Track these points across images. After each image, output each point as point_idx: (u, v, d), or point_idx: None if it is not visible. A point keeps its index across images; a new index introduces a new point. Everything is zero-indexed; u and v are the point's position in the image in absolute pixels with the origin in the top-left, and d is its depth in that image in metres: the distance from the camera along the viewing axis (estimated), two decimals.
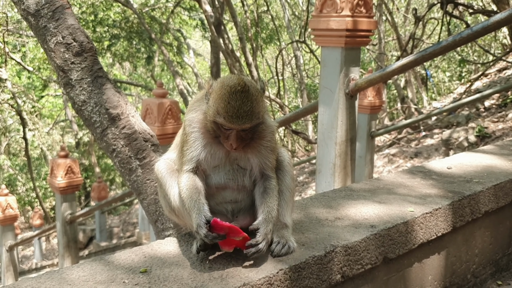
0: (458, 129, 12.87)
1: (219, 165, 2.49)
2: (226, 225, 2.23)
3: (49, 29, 3.51)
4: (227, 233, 2.23)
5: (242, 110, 2.28)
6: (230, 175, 2.49)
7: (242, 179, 2.50)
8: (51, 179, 10.62)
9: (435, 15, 19.72)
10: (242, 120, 2.28)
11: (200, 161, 2.47)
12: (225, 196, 2.52)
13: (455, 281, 3.34)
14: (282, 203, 2.55)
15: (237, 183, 2.50)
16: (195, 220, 2.29)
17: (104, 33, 23.35)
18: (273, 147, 2.51)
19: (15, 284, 2.11)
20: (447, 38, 5.41)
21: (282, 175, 2.59)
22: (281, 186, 2.57)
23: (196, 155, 2.47)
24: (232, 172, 2.49)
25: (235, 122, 2.28)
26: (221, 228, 2.22)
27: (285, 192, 2.57)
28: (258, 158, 2.48)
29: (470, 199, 3.29)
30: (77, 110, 3.61)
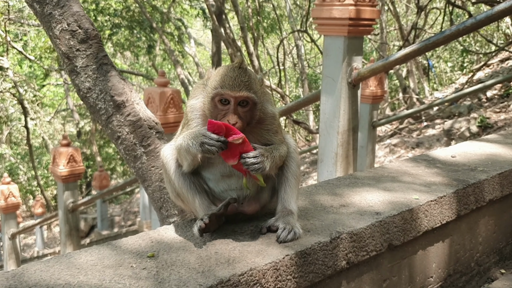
0: (460, 120, 12.88)
1: None
2: (222, 123, 2.24)
3: (54, 16, 3.50)
4: (225, 134, 2.23)
5: (239, 80, 2.35)
6: None
7: None
8: (53, 167, 10.64)
9: (438, 5, 19.63)
10: (238, 87, 2.33)
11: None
12: (230, 184, 2.54)
13: (459, 269, 3.36)
14: (288, 189, 2.55)
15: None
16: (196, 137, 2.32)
17: (105, 22, 23.26)
18: (275, 130, 2.54)
19: (24, 267, 2.13)
20: (450, 27, 5.39)
21: (288, 161, 2.59)
22: (287, 173, 2.57)
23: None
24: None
25: (231, 89, 2.33)
26: (218, 127, 2.23)
27: (291, 178, 2.57)
28: (263, 141, 2.51)
29: (475, 188, 3.31)
30: (82, 97, 3.61)
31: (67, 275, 2.05)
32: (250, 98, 2.36)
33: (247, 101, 2.37)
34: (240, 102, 2.36)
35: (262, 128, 2.52)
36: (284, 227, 2.42)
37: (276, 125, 2.56)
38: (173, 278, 2.01)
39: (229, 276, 2.04)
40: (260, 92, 2.45)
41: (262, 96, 2.47)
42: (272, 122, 2.54)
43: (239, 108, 2.36)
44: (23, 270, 2.10)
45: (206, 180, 2.58)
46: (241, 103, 2.36)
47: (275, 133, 2.55)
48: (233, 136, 2.23)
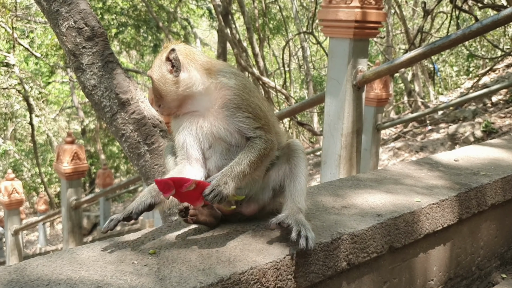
0: (464, 124, 12.85)
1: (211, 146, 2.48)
2: (167, 179, 2.19)
3: (61, 13, 3.53)
4: (176, 187, 2.19)
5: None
6: (224, 155, 2.47)
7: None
8: (57, 164, 10.67)
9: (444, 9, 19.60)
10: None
11: (185, 145, 2.50)
12: None
13: (460, 273, 3.36)
14: (298, 186, 2.50)
15: None
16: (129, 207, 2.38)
17: (112, 20, 23.35)
18: (236, 104, 2.40)
19: (26, 262, 2.15)
20: (456, 32, 5.39)
21: (297, 161, 2.55)
22: (297, 172, 2.53)
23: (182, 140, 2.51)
24: (226, 152, 2.46)
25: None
26: (165, 184, 2.18)
27: (301, 177, 2.52)
28: (230, 124, 2.41)
29: (477, 191, 3.31)
30: (87, 95, 3.63)
31: (69, 270, 2.06)
32: (148, 75, 2.50)
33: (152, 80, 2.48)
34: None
35: (221, 106, 2.41)
36: (298, 230, 2.28)
37: (235, 98, 2.41)
38: (174, 275, 2.03)
39: (230, 275, 2.05)
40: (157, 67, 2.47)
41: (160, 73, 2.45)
42: (227, 94, 2.41)
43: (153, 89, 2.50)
44: (25, 265, 2.12)
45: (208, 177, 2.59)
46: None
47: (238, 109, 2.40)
48: (185, 185, 2.18)
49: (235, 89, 2.41)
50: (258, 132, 2.40)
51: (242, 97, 2.41)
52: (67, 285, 1.93)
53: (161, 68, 2.44)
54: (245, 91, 2.43)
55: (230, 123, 2.40)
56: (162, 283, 1.96)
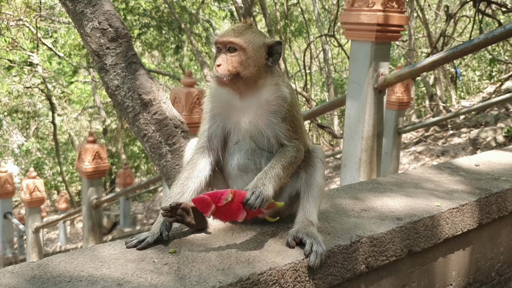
0: (486, 129, 12.71)
1: (238, 142, 2.53)
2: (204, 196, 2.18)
3: (86, 14, 3.59)
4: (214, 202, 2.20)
5: (231, 29, 2.46)
6: (249, 155, 2.52)
7: (260, 161, 2.52)
8: (79, 163, 10.79)
9: (467, 13, 19.42)
10: (227, 34, 2.43)
11: (212, 135, 2.56)
12: (247, 181, 2.51)
13: (479, 278, 3.33)
14: (311, 199, 2.53)
15: (256, 165, 2.52)
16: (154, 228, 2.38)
17: (135, 21, 23.53)
18: (283, 116, 2.49)
19: (48, 258, 2.19)
20: (478, 36, 5.35)
21: (312, 170, 2.59)
22: (311, 182, 2.56)
23: (207, 128, 2.57)
24: (251, 152, 2.52)
25: (222, 35, 2.44)
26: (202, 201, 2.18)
27: (314, 188, 2.55)
28: (270, 129, 2.49)
29: (497, 197, 3.28)
30: (111, 95, 3.69)
31: (90, 267, 2.10)
32: (234, 43, 2.40)
33: (234, 47, 2.41)
34: (229, 48, 2.42)
35: (270, 110, 2.48)
36: (311, 243, 2.31)
37: (285, 110, 2.50)
38: (193, 274, 2.05)
39: (249, 275, 2.07)
40: (256, 45, 2.44)
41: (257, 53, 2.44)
42: (281, 104, 2.49)
43: (228, 53, 2.42)
44: (48, 261, 2.16)
45: (227, 178, 2.62)
46: (229, 49, 2.42)
47: (284, 120, 2.49)
48: (222, 198, 2.20)
49: (288, 103, 2.50)
50: (293, 142, 2.51)
51: (291, 111, 2.51)
52: (89, 282, 1.97)
53: (260, 49, 2.46)
54: (294, 106, 2.54)
55: (271, 128, 2.48)
56: (182, 282, 1.98)
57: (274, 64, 2.49)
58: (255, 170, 2.51)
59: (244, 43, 2.41)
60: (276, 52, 2.48)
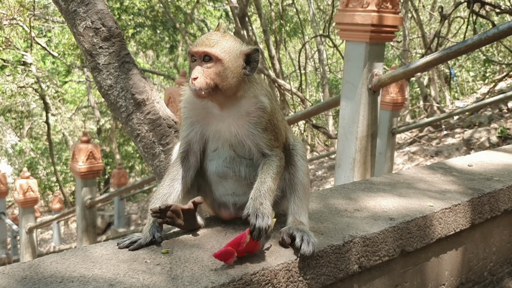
0: (480, 129, 12.76)
1: (217, 149, 2.50)
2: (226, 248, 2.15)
3: (78, 13, 3.57)
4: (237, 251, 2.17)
5: (205, 38, 2.37)
6: (227, 163, 2.50)
7: (239, 168, 2.50)
8: (73, 163, 10.76)
9: (461, 14, 19.48)
10: (201, 43, 2.34)
11: (190, 141, 2.52)
12: (227, 187, 2.55)
13: (472, 278, 3.34)
14: (297, 200, 2.53)
15: (235, 173, 2.50)
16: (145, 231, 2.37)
17: (129, 21, 23.49)
18: (264, 127, 2.44)
19: (40, 259, 2.18)
20: (472, 37, 5.37)
21: (295, 170, 2.57)
22: (294, 183, 2.55)
23: (186, 134, 2.53)
24: (230, 160, 2.49)
25: (196, 44, 2.35)
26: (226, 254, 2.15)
27: (299, 188, 2.55)
28: (251, 139, 2.45)
29: (490, 197, 3.29)
30: (104, 94, 3.67)
31: (82, 268, 2.09)
32: (210, 53, 2.30)
33: (211, 57, 2.31)
34: (205, 59, 2.32)
35: (250, 121, 2.43)
36: (301, 235, 2.33)
37: (266, 120, 2.45)
38: (186, 274, 2.05)
39: (241, 275, 2.07)
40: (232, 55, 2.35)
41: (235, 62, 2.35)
42: (261, 115, 2.43)
43: (203, 64, 2.32)
44: (39, 262, 2.15)
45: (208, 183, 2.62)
46: (205, 59, 2.32)
47: (265, 130, 2.45)
48: (241, 243, 2.17)
49: (269, 113, 2.46)
50: (275, 150, 2.48)
51: (271, 120, 2.47)
52: (80, 282, 1.96)
53: (237, 58, 2.37)
54: (274, 114, 2.50)
55: (252, 139, 2.45)
56: (174, 282, 1.98)
57: (252, 73, 2.41)
58: (234, 177, 2.51)
59: (221, 53, 2.32)
60: (254, 60, 2.40)
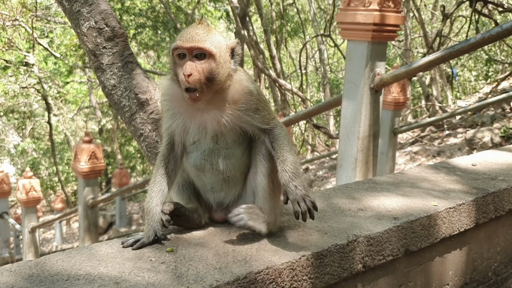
0: (482, 129, 12.74)
1: (197, 142, 2.45)
2: None
3: (82, 13, 3.58)
4: None
5: (194, 32, 2.28)
6: (205, 155, 2.45)
7: (216, 161, 2.45)
8: (75, 163, 10.77)
9: (464, 12, 19.46)
10: (191, 38, 2.25)
11: (172, 133, 2.47)
12: (205, 181, 2.53)
13: (476, 278, 3.34)
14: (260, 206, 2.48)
15: (212, 166, 2.46)
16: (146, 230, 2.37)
17: (130, 21, 23.51)
18: (254, 108, 2.41)
19: (46, 257, 2.19)
20: (475, 36, 5.36)
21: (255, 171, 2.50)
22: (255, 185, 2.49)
23: (168, 126, 2.47)
24: (208, 152, 2.44)
25: (185, 40, 2.26)
26: None
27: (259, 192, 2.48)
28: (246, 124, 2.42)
29: (494, 196, 3.29)
30: (107, 94, 3.68)
31: (87, 266, 2.10)
32: (203, 48, 2.23)
33: (203, 53, 2.25)
34: (197, 55, 2.26)
35: (239, 109, 2.38)
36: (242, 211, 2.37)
37: (254, 103, 2.41)
38: (190, 273, 2.05)
39: (246, 274, 2.07)
40: (221, 49, 2.31)
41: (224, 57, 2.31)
42: (249, 99, 2.39)
43: (195, 60, 2.25)
44: (45, 260, 2.16)
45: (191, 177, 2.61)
46: (197, 55, 2.26)
47: (256, 111, 2.41)
48: None
49: (256, 96, 2.43)
50: (273, 122, 2.45)
51: (260, 100, 2.44)
52: (86, 280, 1.97)
53: (226, 53, 2.33)
54: (260, 95, 2.47)
55: (247, 123, 2.41)
56: (179, 281, 1.98)
57: (236, 66, 2.39)
58: (211, 170, 2.47)
59: (214, 49, 2.26)
60: (237, 54, 2.39)
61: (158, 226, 2.35)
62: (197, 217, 2.50)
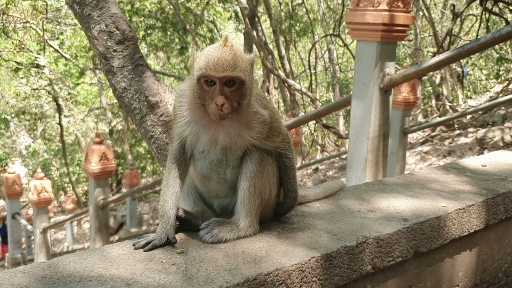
0: (493, 129, 12.67)
1: (206, 151, 2.46)
2: None
3: (93, 17, 3.62)
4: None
5: (223, 59, 2.23)
6: (213, 165, 2.48)
7: (224, 171, 2.48)
8: (86, 164, 10.84)
9: (474, 11, 19.36)
10: (222, 67, 2.21)
11: (185, 138, 2.46)
12: (210, 188, 2.55)
13: (486, 279, 3.33)
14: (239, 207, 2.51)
15: (219, 175, 2.49)
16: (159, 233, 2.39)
17: (140, 23, 23.64)
18: (266, 135, 2.45)
19: (58, 258, 2.22)
20: (485, 35, 5.34)
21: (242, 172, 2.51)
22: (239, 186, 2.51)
23: (181, 131, 2.46)
24: (216, 162, 2.46)
25: (215, 69, 2.21)
26: None
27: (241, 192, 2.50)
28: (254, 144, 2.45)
29: (504, 197, 3.28)
30: (118, 97, 3.71)
31: (99, 267, 2.13)
32: (236, 77, 2.22)
33: (233, 81, 2.24)
34: (226, 82, 2.24)
35: (251, 134, 2.42)
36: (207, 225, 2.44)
37: (266, 131, 2.44)
38: (201, 274, 2.07)
39: (256, 275, 2.09)
40: (248, 71, 2.30)
41: (250, 77, 2.32)
42: (262, 128, 2.42)
43: (225, 88, 2.24)
44: (58, 261, 2.19)
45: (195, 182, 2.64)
46: (227, 83, 2.24)
47: (267, 138, 2.47)
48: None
49: (269, 123, 2.46)
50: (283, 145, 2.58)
51: (272, 128, 2.48)
52: (98, 282, 2.00)
53: (251, 72, 2.34)
54: (274, 122, 2.50)
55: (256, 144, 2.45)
56: (190, 282, 2.00)
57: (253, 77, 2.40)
58: (217, 179, 2.49)
59: (243, 75, 2.26)
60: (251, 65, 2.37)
61: (171, 230, 2.38)
62: (200, 222, 2.51)
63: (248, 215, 2.47)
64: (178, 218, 2.46)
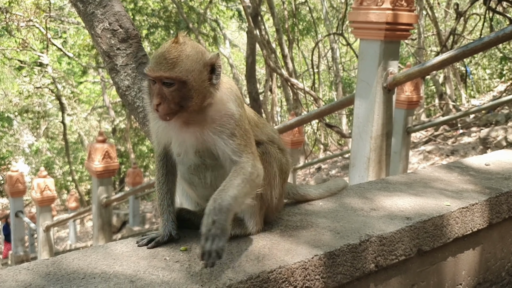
0: (496, 128, 12.65)
1: (181, 155, 2.37)
2: None
3: (96, 15, 3.62)
4: None
5: (163, 57, 2.10)
6: (192, 170, 2.40)
7: (204, 175, 2.40)
8: (89, 163, 10.86)
9: (478, 10, 19.32)
10: (159, 66, 2.09)
11: (160, 139, 2.39)
12: (198, 193, 2.53)
13: (489, 278, 3.33)
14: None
15: (201, 180, 2.42)
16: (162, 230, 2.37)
17: (143, 21, 23.65)
18: (230, 133, 2.24)
19: (62, 256, 2.22)
20: (489, 34, 5.32)
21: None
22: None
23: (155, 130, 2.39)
24: (194, 167, 2.39)
25: (153, 68, 2.11)
26: None
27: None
28: (217, 147, 2.27)
29: (508, 196, 3.28)
30: (121, 95, 3.72)
31: (103, 264, 2.13)
32: (172, 77, 2.08)
33: (172, 82, 2.10)
34: (165, 82, 2.11)
35: (215, 129, 2.24)
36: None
37: (232, 127, 2.25)
38: (204, 272, 2.07)
39: (259, 273, 2.09)
40: (196, 71, 2.13)
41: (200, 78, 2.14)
42: (227, 121, 2.24)
43: (164, 88, 2.11)
44: (61, 258, 2.20)
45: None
46: (165, 83, 2.11)
47: (231, 136, 2.25)
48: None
49: (236, 119, 2.28)
50: (245, 157, 2.27)
51: (240, 126, 2.29)
52: (102, 278, 2.00)
53: (202, 72, 2.16)
54: (244, 120, 2.33)
55: (218, 147, 2.27)
56: (193, 279, 2.01)
57: (217, 81, 2.22)
58: (200, 184, 2.43)
59: (184, 75, 2.10)
60: (218, 66, 2.21)
61: (173, 226, 2.38)
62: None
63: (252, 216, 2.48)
64: (181, 218, 2.47)
